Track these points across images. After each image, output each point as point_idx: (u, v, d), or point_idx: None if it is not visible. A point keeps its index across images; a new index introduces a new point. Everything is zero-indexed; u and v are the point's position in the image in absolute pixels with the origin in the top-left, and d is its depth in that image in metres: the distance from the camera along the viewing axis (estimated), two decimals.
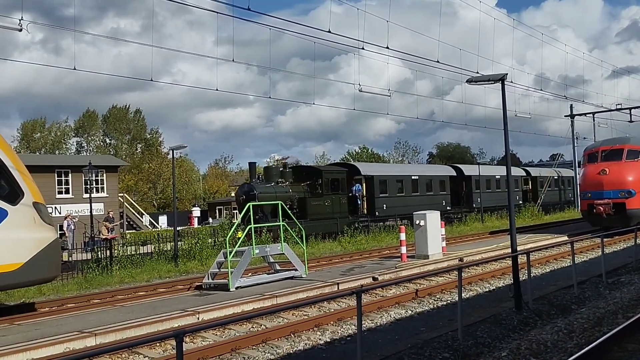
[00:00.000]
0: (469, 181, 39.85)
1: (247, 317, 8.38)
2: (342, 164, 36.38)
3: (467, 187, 39.80)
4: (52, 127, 60.40)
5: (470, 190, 39.66)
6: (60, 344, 9.57)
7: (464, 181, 39.79)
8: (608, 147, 26.92)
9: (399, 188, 34.20)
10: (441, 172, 39.90)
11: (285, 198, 26.27)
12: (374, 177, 32.34)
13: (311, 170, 31.38)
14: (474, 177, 39.83)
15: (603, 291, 12.96)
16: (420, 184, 35.50)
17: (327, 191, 29.14)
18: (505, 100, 11.67)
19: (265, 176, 28.70)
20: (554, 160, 62.61)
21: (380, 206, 32.28)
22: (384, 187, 32.91)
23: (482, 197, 39.57)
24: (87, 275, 18.22)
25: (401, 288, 14.17)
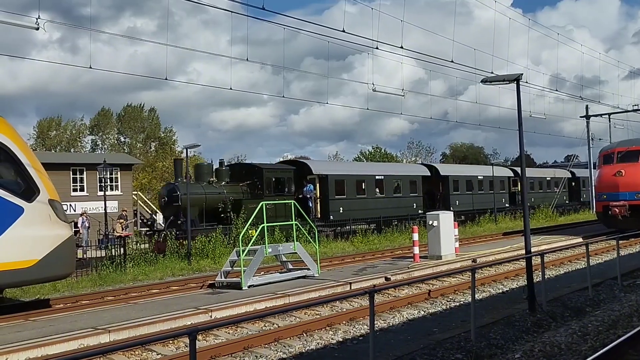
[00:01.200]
0: (446, 182, 36.28)
1: (260, 316, 8.41)
2: (292, 161, 32.12)
3: (444, 188, 36.34)
4: (68, 125, 60.92)
5: (448, 191, 36.10)
6: (75, 340, 9.66)
7: (440, 182, 36.30)
8: (624, 149, 26.66)
9: (359, 189, 30.50)
10: (412, 171, 36.30)
11: (217, 200, 24.27)
12: (328, 177, 28.74)
13: (251, 168, 27.46)
14: (452, 178, 36.57)
15: (618, 294, 12.83)
16: (386, 185, 31.97)
17: (270, 192, 25.94)
18: (520, 101, 11.59)
19: (195, 175, 25.64)
20: (568, 161, 62.09)
21: (335, 209, 28.58)
22: (340, 188, 29.22)
23: (460, 200, 36.54)
24: (101, 272, 18.36)
25: (414, 288, 14.14)
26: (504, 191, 41.52)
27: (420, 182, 34.37)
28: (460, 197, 36.64)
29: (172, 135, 64.23)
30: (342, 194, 29.13)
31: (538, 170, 51.99)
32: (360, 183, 30.70)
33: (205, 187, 24.40)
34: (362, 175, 31.38)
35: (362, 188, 30.79)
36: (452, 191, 36.34)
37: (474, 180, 38.73)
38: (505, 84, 12.22)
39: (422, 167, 37.94)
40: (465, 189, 37.44)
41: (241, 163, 38.16)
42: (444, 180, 36.36)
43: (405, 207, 32.14)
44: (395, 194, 32.55)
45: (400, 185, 33.02)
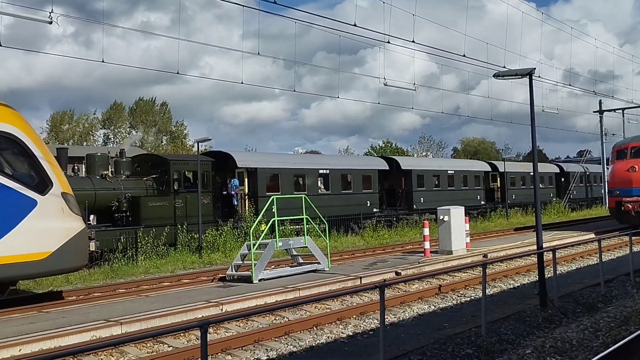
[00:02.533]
0: (408, 177, 32.58)
1: (270, 309, 8.42)
2: (213, 152, 27.56)
3: (407, 184, 32.74)
4: (81, 119, 61.34)
5: (410, 188, 32.34)
6: (87, 332, 9.75)
7: (402, 177, 32.69)
8: (638, 144, 26.42)
9: (297, 185, 26.94)
10: (366, 165, 32.27)
11: (110, 197, 20.69)
12: (257, 170, 25.17)
13: (157, 160, 23.71)
14: (416, 172, 32.78)
15: (630, 290, 12.75)
16: (332, 180, 28.28)
17: (180, 188, 22.31)
18: (533, 95, 11.52)
19: (87, 167, 22.05)
20: (581, 156, 61.60)
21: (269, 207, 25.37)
22: (273, 184, 25.65)
23: (426, 197, 32.72)
24: (113, 265, 18.49)
25: (424, 283, 14.12)
26: (480, 187, 37.40)
27: (377, 178, 30.70)
28: (425, 194, 32.79)
29: (183, 129, 64.51)
30: (277, 190, 25.02)
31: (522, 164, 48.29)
32: (299, 178, 27.03)
33: (96, 181, 20.64)
34: (302, 169, 27.31)
35: (302, 184, 27.03)
36: (416, 187, 32.45)
37: (443, 175, 34.89)
38: (517, 79, 12.16)
39: (378, 161, 33.70)
40: (432, 185, 33.70)
41: (147, 154, 32.30)
42: (406, 175, 32.60)
43: (357, 205, 28.29)
44: (345, 190, 28.61)
45: (351, 181, 29.19)
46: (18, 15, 14.16)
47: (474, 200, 35.84)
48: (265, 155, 34.82)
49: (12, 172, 11.93)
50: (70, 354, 5.78)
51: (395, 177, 32.55)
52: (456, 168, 36.70)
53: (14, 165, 12.18)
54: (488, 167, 40.15)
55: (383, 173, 31.90)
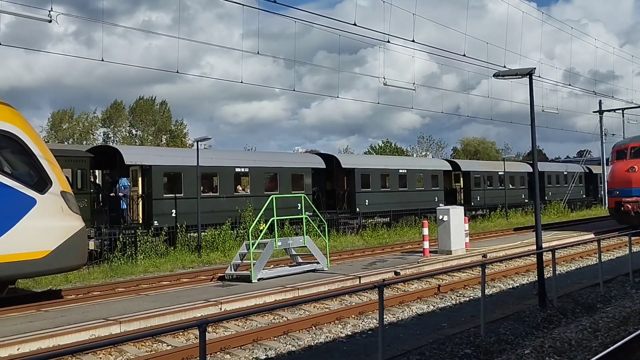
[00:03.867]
0: (351, 177, 29.31)
1: (269, 309, 8.44)
2: (99, 147, 24.82)
3: (350, 184, 29.43)
4: (81, 117, 61.31)
5: (353, 189, 28.95)
6: (86, 330, 9.74)
7: (345, 177, 29.56)
8: (637, 144, 26.44)
9: (208, 185, 23.98)
10: (298, 163, 27.96)
11: None
12: (152, 168, 21.62)
13: None
14: (360, 171, 29.40)
15: (630, 290, 12.75)
16: (252, 180, 24.97)
17: None
18: (533, 95, 11.51)
19: None
20: (581, 156, 61.62)
21: (166, 212, 21.64)
22: (174, 184, 22.43)
23: (372, 199, 29.62)
24: (112, 264, 18.49)
25: (423, 283, 14.12)
26: (438, 188, 34.21)
27: (311, 177, 27.56)
28: (371, 196, 29.62)
29: (182, 128, 64.49)
30: (178, 192, 22.14)
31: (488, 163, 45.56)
32: (209, 178, 24.11)
33: None
34: (213, 167, 23.47)
35: (214, 185, 24.09)
36: (360, 188, 29.21)
37: (393, 175, 31.62)
38: (517, 78, 12.16)
39: (313, 158, 29.74)
40: (379, 186, 30.43)
41: None
42: (348, 175, 29.44)
43: (286, 208, 23.57)
44: (270, 191, 24.65)
45: (279, 181, 25.87)
46: (18, 14, 14.16)
47: (431, 203, 31.96)
48: (163, 150, 31.66)
49: (12, 171, 11.91)
50: (68, 353, 5.78)
51: (338, 177, 29.60)
52: (409, 167, 33.21)
53: (14, 164, 12.16)
54: (448, 165, 36.87)
55: (321, 172, 28.75)
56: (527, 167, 42.69)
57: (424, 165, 36.10)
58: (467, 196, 36.59)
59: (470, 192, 36.62)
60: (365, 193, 29.44)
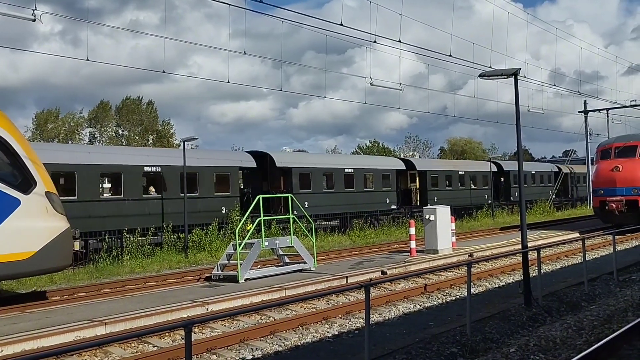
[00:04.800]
0: (288, 176, 26.70)
1: (256, 309, 8.42)
2: None
3: (287, 185, 26.73)
4: (67, 117, 60.80)
5: (291, 190, 25.72)
6: (71, 332, 9.67)
7: (282, 176, 27.03)
8: (621, 144, 26.71)
9: (112, 187, 21.55)
10: (223, 161, 24.94)
11: None
12: None
13: None
14: (298, 171, 26.74)
15: (614, 289, 12.87)
16: (166, 180, 22.06)
17: None
18: (518, 95, 11.59)
19: None
20: (566, 156, 62.11)
21: None
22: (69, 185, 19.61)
23: (313, 201, 26.53)
24: (98, 264, 18.36)
25: (410, 282, 14.17)
26: (390, 189, 31.70)
27: (238, 178, 25.29)
28: (312, 198, 26.75)
29: (169, 128, 64.18)
30: (72, 194, 19.29)
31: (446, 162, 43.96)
32: (114, 178, 21.40)
33: None
34: (116, 165, 20.94)
35: (119, 186, 21.12)
36: (299, 189, 26.44)
37: (338, 174, 28.96)
38: (503, 79, 12.24)
39: (244, 156, 26.46)
40: (323, 186, 27.87)
41: None
42: (285, 175, 26.91)
43: (208, 211, 22.36)
44: (190, 193, 22.01)
45: (199, 181, 23.17)
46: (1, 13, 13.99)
47: (381, 204, 30.22)
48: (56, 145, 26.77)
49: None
50: (53, 354, 5.72)
51: (273, 178, 27.12)
52: (356, 166, 30.55)
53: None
54: (402, 164, 34.13)
55: (255, 172, 26.62)
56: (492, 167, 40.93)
57: (373, 164, 32.99)
58: (423, 197, 34.08)
59: (427, 192, 34.09)
60: (305, 194, 26.32)
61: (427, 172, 34.65)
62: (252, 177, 27.17)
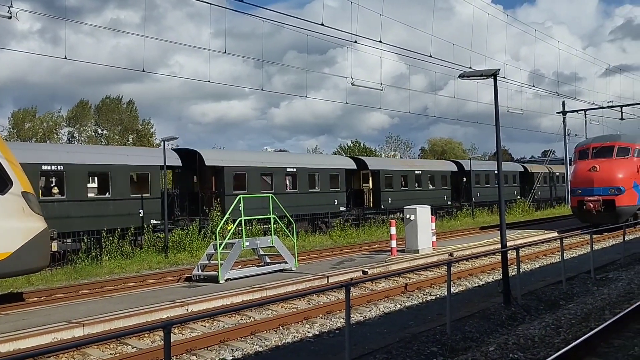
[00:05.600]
0: (220, 176, 24.58)
1: (236, 309, 8.38)
2: None
3: (218, 185, 24.86)
4: (45, 117, 60.00)
5: (222, 190, 24.18)
6: (48, 334, 9.54)
7: (213, 176, 25.01)
8: (599, 144, 27.06)
9: None
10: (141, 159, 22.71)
11: None
12: None
13: None
14: (231, 170, 24.63)
15: (591, 287, 13.03)
16: (70, 180, 19.89)
17: None
18: (497, 96, 11.68)
19: None
20: (545, 156, 62.81)
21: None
22: None
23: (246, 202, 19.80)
24: (77, 265, 18.14)
25: (391, 282, 14.21)
26: (338, 189, 29.13)
27: (159, 178, 23.07)
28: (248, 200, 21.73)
29: (150, 128, 63.70)
30: None
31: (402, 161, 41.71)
32: None
33: None
34: None
35: None
36: (232, 190, 24.14)
37: (279, 174, 26.68)
38: (483, 79, 12.32)
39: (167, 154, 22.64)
40: (258, 187, 25.11)
41: None
42: (217, 174, 24.75)
43: (122, 215, 20.74)
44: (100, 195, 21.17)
45: (112, 182, 21.11)
46: None
47: (329, 206, 27.89)
48: None
49: None
50: (30, 356, 5.65)
51: (204, 177, 25.23)
52: (300, 165, 28.05)
53: None
54: (352, 164, 31.79)
55: (182, 171, 25.05)
56: (451, 166, 39.25)
57: (320, 163, 30.51)
58: (377, 198, 32.16)
59: (380, 193, 32.05)
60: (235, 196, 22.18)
61: (381, 171, 32.56)
62: (183, 177, 25.60)
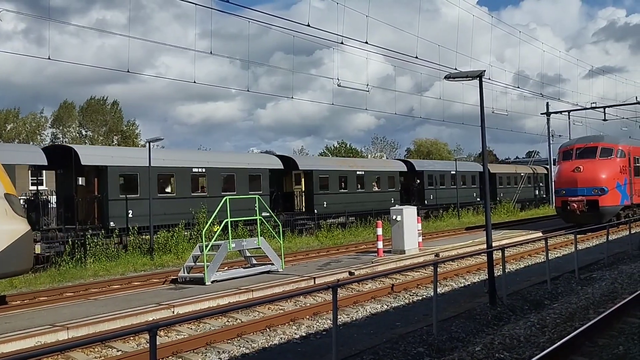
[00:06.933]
0: (103, 176, 21.28)
1: (223, 311, 8.34)
2: None
3: (101, 189, 21.35)
4: (28, 117, 59.37)
5: (106, 195, 20.97)
6: (32, 337, 9.42)
7: (96, 177, 21.80)
8: (582, 145, 27.32)
9: None
10: None
11: None
12: None
13: None
14: (116, 170, 21.39)
15: (575, 287, 13.14)
16: None
17: None
18: (483, 97, 11.74)
19: None
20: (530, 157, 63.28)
21: None
22: None
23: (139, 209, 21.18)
24: (61, 268, 17.96)
25: (377, 283, 14.22)
26: (261, 192, 25.04)
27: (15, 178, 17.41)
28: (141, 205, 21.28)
29: (134, 129, 63.30)
30: None
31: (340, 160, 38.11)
32: None
33: None
34: None
35: None
36: (121, 193, 21.35)
37: (182, 175, 23.44)
38: (468, 80, 12.38)
39: (31, 151, 21.26)
40: (152, 189, 21.11)
41: None
42: (100, 175, 21.53)
43: None
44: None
45: None
46: None
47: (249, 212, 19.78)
48: None
49: None
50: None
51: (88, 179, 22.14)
52: (209, 164, 24.46)
53: None
54: (279, 163, 28.04)
55: (64, 172, 22.44)
56: (400, 165, 36.16)
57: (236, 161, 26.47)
58: (309, 202, 28.89)
59: (313, 196, 28.85)
60: (129, 201, 21.19)
61: (314, 171, 29.06)
62: (62, 178, 22.79)
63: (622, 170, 26.59)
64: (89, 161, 21.09)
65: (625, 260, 16.72)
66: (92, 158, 21.46)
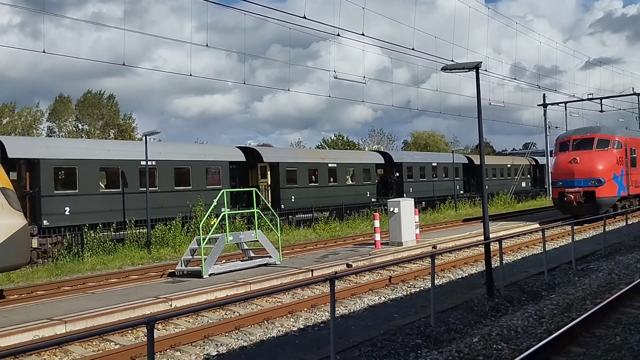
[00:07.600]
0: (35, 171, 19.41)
1: (220, 304, 8.34)
2: None
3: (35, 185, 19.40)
4: (23, 111, 59.16)
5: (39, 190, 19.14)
6: (29, 331, 9.42)
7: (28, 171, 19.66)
8: (579, 137, 27.33)
9: None
10: None
11: None
12: None
13: None
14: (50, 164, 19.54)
15: (572, 278, 13.17)
16: None
17: None
18: (480, 89, 11.71)
19: None
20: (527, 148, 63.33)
21: None
22: None
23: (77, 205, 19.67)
24: (58, 262, 17.94)
25: (375, 275, 14.24)
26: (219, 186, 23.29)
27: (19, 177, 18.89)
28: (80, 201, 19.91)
29: (131, 122, 63.16)
30: None
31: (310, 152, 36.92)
32: None
33: None
34: None
35: None
36: (57, 189, 19.77)
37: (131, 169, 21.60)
38: (465, 72, 12.35)
39: None
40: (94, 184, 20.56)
41: None
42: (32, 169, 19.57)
43: None
44: None
45: None
46: None
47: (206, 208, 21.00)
48: None
49: None
50: (11, 354, 5.58)
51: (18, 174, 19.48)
52: (161, 157, 22.54)
53: None
54: (241, 155, 26.17)
55: None
56: (377, 157, 34.08)
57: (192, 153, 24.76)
58: (276, 197, 26.90)
59: (280, 190, 27.01)
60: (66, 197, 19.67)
61: (280, 164, 27.23)
62: None
63: (619, 161, 26.62)
64: (18, 153, 19.04)
65: (622, 251, 16.77)
66: (22, 150, 19.50)
